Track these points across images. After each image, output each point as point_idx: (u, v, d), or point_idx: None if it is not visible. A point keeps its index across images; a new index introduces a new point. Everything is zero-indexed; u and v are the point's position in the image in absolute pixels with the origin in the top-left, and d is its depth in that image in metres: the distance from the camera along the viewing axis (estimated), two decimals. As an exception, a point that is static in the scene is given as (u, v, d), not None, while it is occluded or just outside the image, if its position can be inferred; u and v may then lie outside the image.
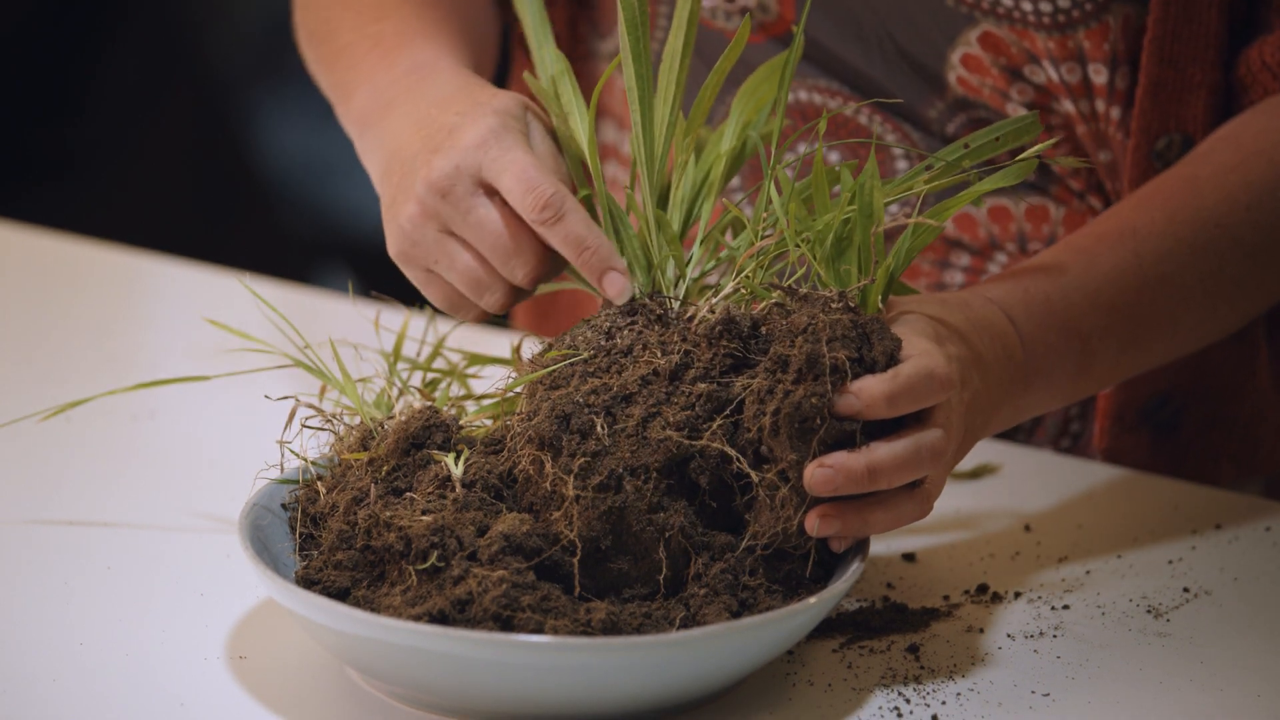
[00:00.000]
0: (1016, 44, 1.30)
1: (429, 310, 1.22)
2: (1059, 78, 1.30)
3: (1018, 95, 1.32)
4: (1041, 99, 1.32)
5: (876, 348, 1.00)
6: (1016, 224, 1.36)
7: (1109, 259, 1.17)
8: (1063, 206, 1.35)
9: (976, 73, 1.32)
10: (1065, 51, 1.29)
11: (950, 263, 1.39)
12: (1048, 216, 1.36)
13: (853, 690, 1.03)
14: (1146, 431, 1.37)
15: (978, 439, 1.09)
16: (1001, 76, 1.32)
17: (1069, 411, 1.40)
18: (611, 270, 1.08)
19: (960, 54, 1.32)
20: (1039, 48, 1.30)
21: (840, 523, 1.00)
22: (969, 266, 1.38)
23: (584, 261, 1.08)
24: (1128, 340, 1.18)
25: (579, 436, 1.01)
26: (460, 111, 1.11)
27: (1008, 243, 1.37)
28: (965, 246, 1.38)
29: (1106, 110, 1.31)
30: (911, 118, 1.36)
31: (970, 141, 1.12)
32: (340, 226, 3.04)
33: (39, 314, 1.68)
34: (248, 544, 1.02)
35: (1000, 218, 1.36)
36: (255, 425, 1.22)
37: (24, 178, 2.91)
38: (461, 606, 0.96)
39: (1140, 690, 1.04)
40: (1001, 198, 1.36)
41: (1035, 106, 1.32)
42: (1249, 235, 1.21)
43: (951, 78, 1.33)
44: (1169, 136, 1.29)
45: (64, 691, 1.01)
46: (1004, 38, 1.30)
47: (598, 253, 1.08)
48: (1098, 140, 1.33)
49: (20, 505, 1.24)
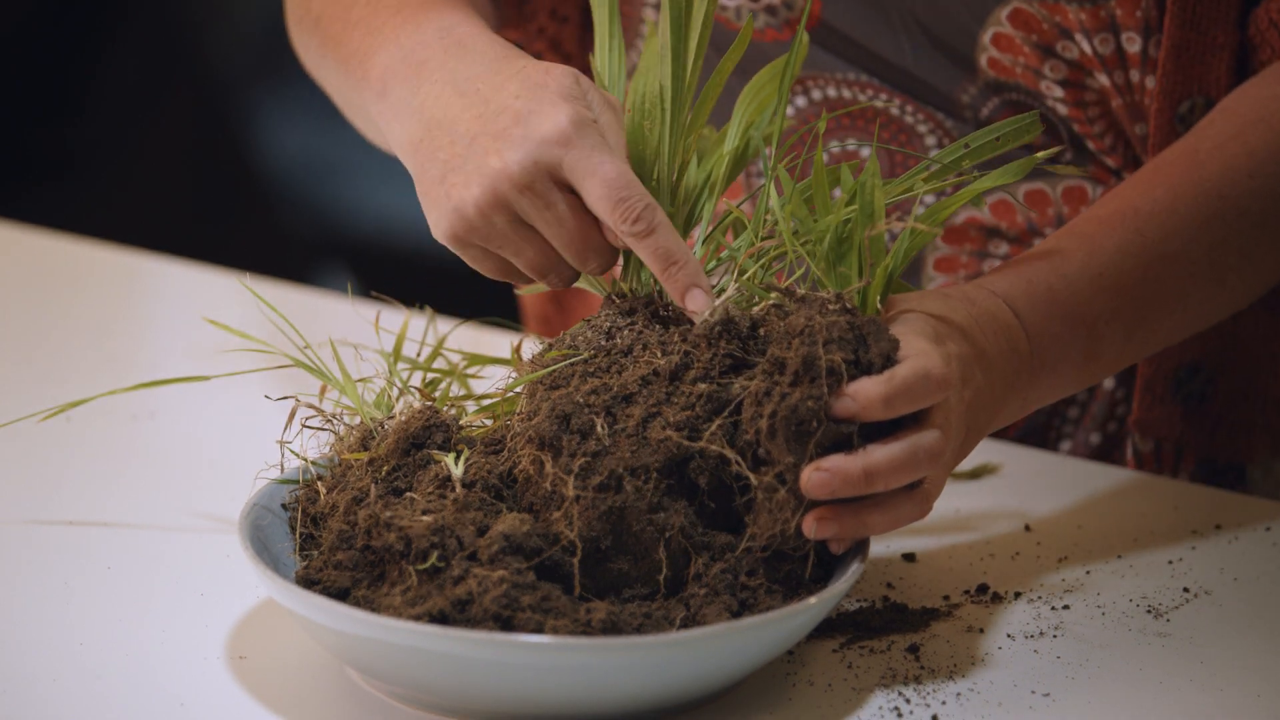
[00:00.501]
0: (1048, 19, 1.29)
1: (429, 310, 1.22)
2: (1092, 50, 1.29)
3: (1051, 72, 1.31)
4: (1075, 75, 1.31)
5: (873, 349, 1.00)
6: (1055, 208, 1.35)
7: (1111, 241, 1.16)
8: (1100, 186, 1.35)
9: (1009, 52, 1.31)
10: (1098, 22, 1.28)
11: (989, 252, 1.38)
12: (1086, 197, 1.35)
13: (853, 690, 1.03)
14: (1178, 403, 1.36)
15: (983, 435, 1.09)
16: (1034, 54, 1.31)
17: (1115, 394, 1.39)
18: (696, 288, 1.06)
19: (991, 34, 1.31)
20: (1071, 20, 1.29)
21: (838, 525, 1.00)
22: (1008, 255, 1.37)
23: (670, 275, 1.06)
24: (1135, 322, 1.16)
25: (579, 436, 1.01)
26: (520, 95, 1.08)
27: (1046, 227, 1.36)
28: (1004, 234, 1.37)
29: (1142, 80, 1.30)
30: (944, 105, 1.35)
31: (970, 141, 1.12)
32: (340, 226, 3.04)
33: (39, 314, 1.68)
34: (248, 544, 1.02)
35: (1038, 202, 1.35)
36: (255, 425, 1.23)
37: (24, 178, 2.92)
38: (461, 606, 0.96)
39: (1140, 690, 1.04)
40: (1038, 182, 1.35)
41: (1069, 84, 1.31)
42: (1254, 204, 1.19)
43: (983, 60, 1.32)
44: (1192, 100, 1.29)
45: (64, 691, 1.01)
46: (1035, 13, 1.29)
47: (685, 268, 1.06)
48: (1133, 113, 1.32)
49: (20, 505, 1.24)
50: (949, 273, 1.38)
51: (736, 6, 1.35)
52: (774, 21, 1.34)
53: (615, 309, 1.09)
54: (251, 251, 2.91)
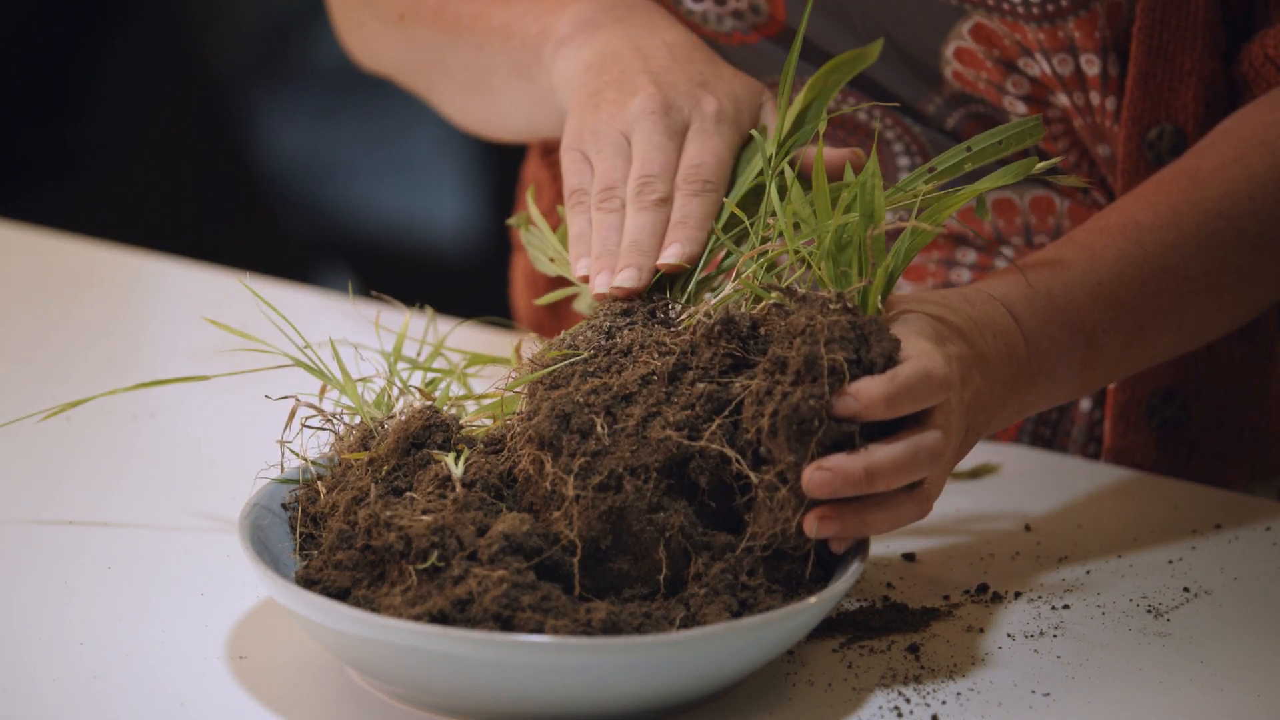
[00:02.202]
0: (1008, 36, 1.30)
1: (429, 310, 1.22)
2: (1051, 70, 1.30)
3: (1013, 88, 1.32)
4: (1037, 92, 1.32)
5: (875, 349, 1.00)
6: (1022, 217, 1.36)
7: (1111, 252, 1.17)
8: (1067, 199, 1.35)
9: (971, 66, 1.32)
10: (1056, 42, 1.29)
11: (956, 260, 1.38)
12: (1053, 208, 1.36)
13: (853, 690, 1.03)
14: (1152, 429, 1.36)
15: (980, 437, 1.09)
16: (996, 69, 1.31)
17: (1094, 415, 1.40)
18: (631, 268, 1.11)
19: (954, 47, 1.31)
20: (1030, 40, 1.29)
21: (839, 524, 1.00)
22: (975, 264, 1.38)
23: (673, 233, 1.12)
24: (1133, 333, 1.17)
25: (579, 436, 1.01)
26: (706, 71, 1.19)
27: (1013, 236, 1.37)
28: (970, 243, 1.38)
29: (1101, 102, 1.31)
30: (911, 112, 1.36)
31: (973, 145, 1.12)
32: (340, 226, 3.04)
33: (39, 314, 1.68)
34: (248, 544, 1.02)
35: (1005, 211, 1.36)
36: (255, 425, 1.22)
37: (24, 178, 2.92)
38: (461, 606, 0.96)
39: (1140, 690, 1.04)
40: (1006, 191, 1.35)
41: (1032, 100, 1.32)
42: (1252, 226, 1.20)
43: (947, 72, 1.33)
44: (1160, 127, 1.29)
45: (64, 691, 1.01)
46: (995, 29, 1.30)
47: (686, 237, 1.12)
48: (1095, 134, 1.32)
49: (20, 505, 1.24)
50: (917, 280, 1.39)
51: (703, 10, 1.35)
52: (741, 25, 1.35)
53: (615, 309, 1.09)
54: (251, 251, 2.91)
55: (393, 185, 3.06)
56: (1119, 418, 1.36)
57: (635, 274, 1.09)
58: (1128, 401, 1.36)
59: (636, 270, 1.10)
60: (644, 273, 1.10)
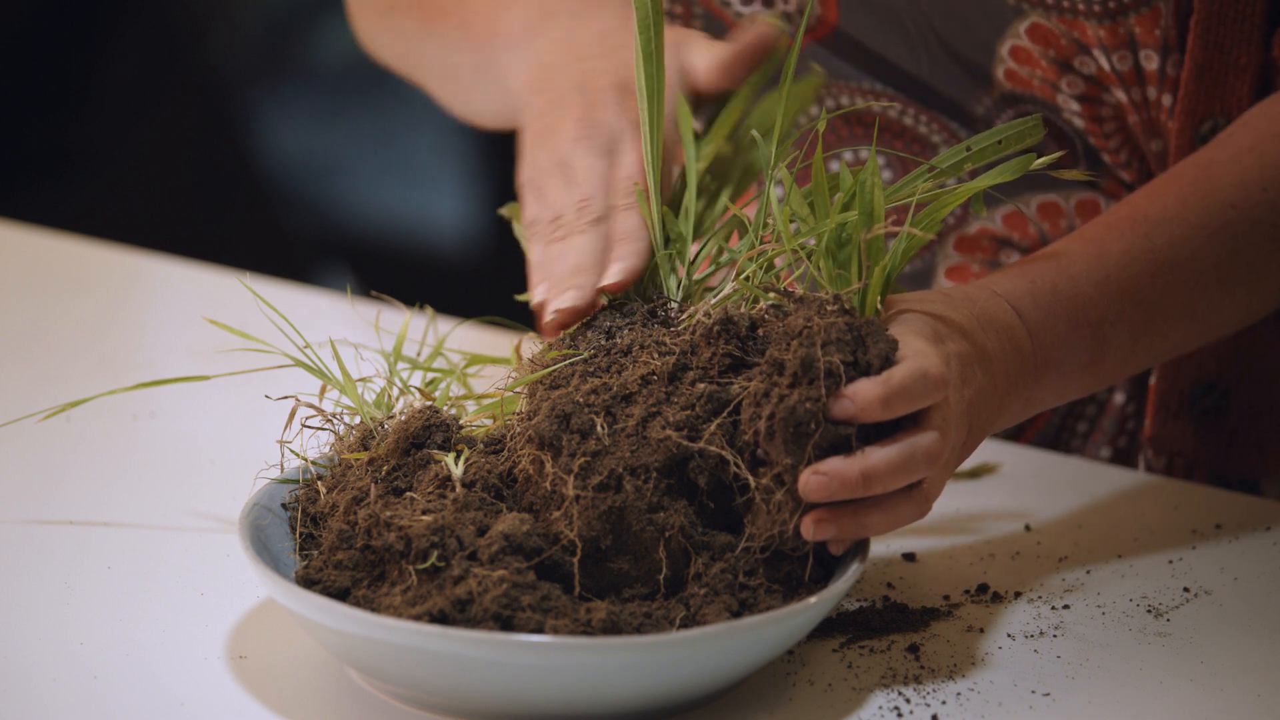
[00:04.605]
0: (1066, 34, 1.29)
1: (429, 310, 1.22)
2: (1110, 66, 1.29)
3: (1068, 87, 1.31)
4: (1092, 90, 1.31)
5: (872, 350, 1.00)
6: (1068, 219, 1.35)
7: (1118, 246, 1.16)
8: (1113, 200, 1.34)
9: (1026, 65, 1.31)
10: (1116, 39, 1.28)
11: (1001, 262, 1.38)
12: (1099, 210, 1.35)
13: (853, 690, 1.03)
14: (1192, 418, 1.36)
15: (986, 435, 1.09)
16: (1051, 68, 1.31)
17: (1125, 409, 1.39)
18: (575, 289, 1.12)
19: (1009, 47, 1.31)
20: (1089, 37, 1.28)
21: (836, 527, 1.00)
22: None
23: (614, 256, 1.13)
24: (1141, 327, 1.16)
25: (579, 436, 1.01)
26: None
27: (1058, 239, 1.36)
28: (1015, 245, 1.37)
29: (1158, 97, 1.30)
30: (959, 115, 1.35)
31: (972, 144, 1.12)
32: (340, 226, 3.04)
33: (39, 314, 1.68)
34: (248, 544, 1.02)
35: (1050, 214, 1.35)
36: (255, 425, 1.23)
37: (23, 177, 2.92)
38: (461, 606, 0.96)
39: (1140, 690, 1.04)
40: (1051, 194, 1.35)
41: (1086, 98, 1.31)
42: (1266, 216, 1.19)
43: (999, 72, 1.32)
44: (1214, 120, 1.28)
45: (64, 691, 1.01)
46: (1053, 29, 1.29)
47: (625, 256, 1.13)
48: (1149, 129, 1.31)
49: (20, 505, 1.24)
50: (961, 280, 1.38)
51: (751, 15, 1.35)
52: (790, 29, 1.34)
53: (615, 309, 1.09)
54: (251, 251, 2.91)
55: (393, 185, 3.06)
56: (1160, 406, 1.35)
57: (577, 294, 1.10)
58: (1168, 390, 1.35)
59: (578, 291, 1.11)
60: (586, 292, 1.10)
